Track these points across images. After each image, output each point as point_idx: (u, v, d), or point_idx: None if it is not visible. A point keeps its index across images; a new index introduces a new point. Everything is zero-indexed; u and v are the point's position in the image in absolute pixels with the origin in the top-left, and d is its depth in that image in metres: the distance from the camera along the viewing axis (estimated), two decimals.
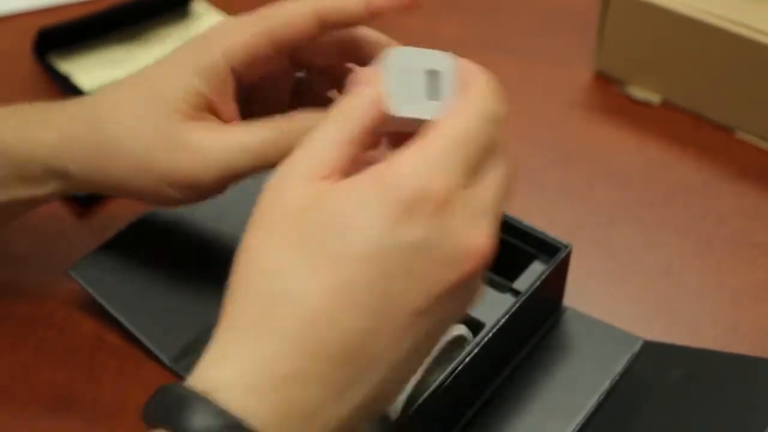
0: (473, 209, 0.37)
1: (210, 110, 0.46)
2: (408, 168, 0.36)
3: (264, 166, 0.45)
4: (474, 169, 0.37)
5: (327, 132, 0.38)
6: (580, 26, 0.75)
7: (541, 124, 0.67)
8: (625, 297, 0.54)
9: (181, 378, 0.49)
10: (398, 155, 0.37)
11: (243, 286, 0.36)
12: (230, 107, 0.47)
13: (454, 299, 0.37)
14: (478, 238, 0.36)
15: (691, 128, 0.66)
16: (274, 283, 0.35)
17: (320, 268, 0.35)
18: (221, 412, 0.33)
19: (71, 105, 0.49)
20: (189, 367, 0.49)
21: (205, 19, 0.69)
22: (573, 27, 0.75)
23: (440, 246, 0.35)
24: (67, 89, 0.64)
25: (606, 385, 0.48)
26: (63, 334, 0.53)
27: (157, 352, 0.50)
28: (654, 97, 0.68)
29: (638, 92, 0.69)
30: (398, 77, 0.39)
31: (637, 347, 0.50)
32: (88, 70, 0.64)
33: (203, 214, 0.56)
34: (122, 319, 0.51)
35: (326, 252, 0.35)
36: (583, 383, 0.48)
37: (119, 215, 0.58)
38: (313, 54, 0.48)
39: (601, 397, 0.48)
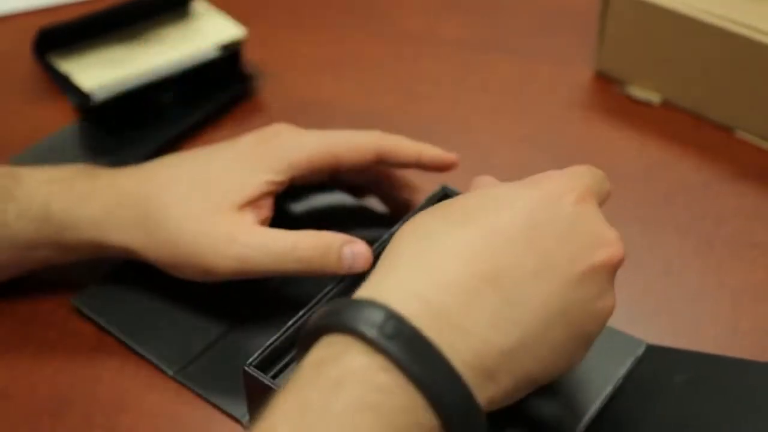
0: (604, 219, 0.42)
1: (255, 203, 0.50)
2: (552, 178, 0.42)
3: (278, 271, 0.48)
4: (603, 191, 0.44)
5: None
6: (580, 26, 0.75)
7: (541, 124, 0.67)
8: (625, 298, 0.54)
9: (184, 385, 0.50)
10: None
11: (398, 247, 0.41)
12: (271, 200, 0.51)
13: (591, 286, 0.40)
14: (611, 233, 0.42)
15: (691, 128, 0.66)
16: (422, 241, 0.40)
17: (467, 228, 0.40)
18: (385, 308, 0.36)
19: (118, 180, 0.52)
20: (193, 375, 0.50)
21: (205, 19, 0.69)
22: (573, 27, 0.75)
23: (583, 224, 0.41)
24: (67, 89, 0.64)
25: (609, 389, 0.48)
26: (63, 334, 0.53)
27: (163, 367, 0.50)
28: (654, 97, 0.68)
29: (638, 92, 0.69)
30: None
31: (640, 351, 0.50)
32: (88, 70, 0.64)
33: None
34: (128, 343, 0.51)
35: (476, 219, 0.40)
36: (586, 387, 0.48)
37: None
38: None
39: (605, 400, 0.48)
